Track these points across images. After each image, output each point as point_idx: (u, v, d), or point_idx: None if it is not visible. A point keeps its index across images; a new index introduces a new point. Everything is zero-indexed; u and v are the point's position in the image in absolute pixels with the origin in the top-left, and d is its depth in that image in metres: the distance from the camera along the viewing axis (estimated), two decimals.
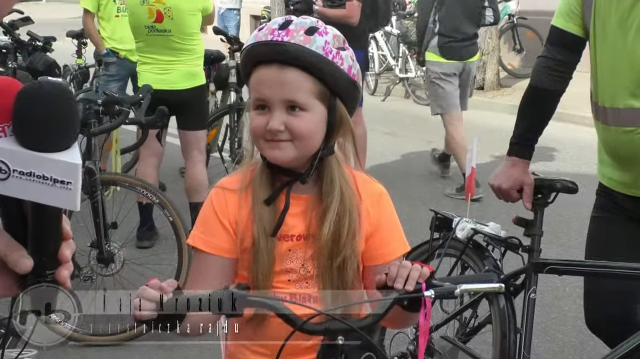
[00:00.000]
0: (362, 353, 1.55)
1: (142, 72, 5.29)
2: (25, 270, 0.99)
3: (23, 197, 0.96)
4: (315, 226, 1.72)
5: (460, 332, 3.10)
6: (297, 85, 1.65)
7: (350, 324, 1.48)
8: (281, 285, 1.73)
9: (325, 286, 1.71)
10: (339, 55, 1.67)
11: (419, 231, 4.85)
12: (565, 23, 2.70)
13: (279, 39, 1.64)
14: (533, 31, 11.73)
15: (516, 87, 11.04)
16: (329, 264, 1.70)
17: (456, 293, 1.53)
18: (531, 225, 2.75)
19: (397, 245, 1.80)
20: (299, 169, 1.73)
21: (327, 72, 1.66)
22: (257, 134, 1.69)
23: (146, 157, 5.34)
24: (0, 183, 0.93)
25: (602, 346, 2.99)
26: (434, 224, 3.10)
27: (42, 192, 0.94)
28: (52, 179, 0.94)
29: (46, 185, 0.94)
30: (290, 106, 1.66)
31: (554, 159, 7.60)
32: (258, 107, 1.69)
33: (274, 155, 1.69)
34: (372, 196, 1.79)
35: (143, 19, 5.15)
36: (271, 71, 1.66)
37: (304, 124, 1.67)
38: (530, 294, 2.64)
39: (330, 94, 1.69)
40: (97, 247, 4.12)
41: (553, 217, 5.53)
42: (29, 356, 2.10)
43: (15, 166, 0.93)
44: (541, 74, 2.79)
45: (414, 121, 9.81)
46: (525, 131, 2.83)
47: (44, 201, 0.95)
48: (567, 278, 4.34)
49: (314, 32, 1.66)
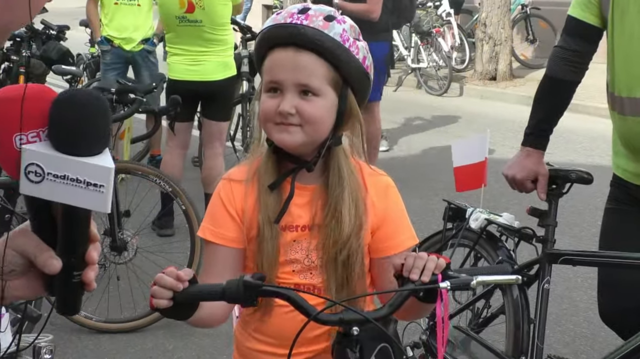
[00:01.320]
0: (377, 344, 1.55)
1: (173, 63, 5.27)
2: (54, 271, 1.01)
3: (56, 200, 0.98)
4: (321, 217, 1.72)
5: (473, 322, 3.10)
6: (311, 69, 1.65)
7: (365, 315, 1.48)
8: (285, 276, 1.73)
9: (330, 277, 1.71)
10: (355, 45, 1.68)
11: (431, 222, 4.86)
12: (582, 13, 2.68)
13: (298, 22, 1.65)
14: (546, 21, 11.67)
15: (529, 78, 10.99)
16: (334, 255, 1.70)
17: (472, 285, 1.53)
18: (545, 216, 2.74)
19: (405, 238, 1.79)
20: (305, 157, 1.72)
21: (342, 59, 1.66)
22: (267, 117, 1.69)
23: (173, 147, 5.37)
24: (34, 186, 0.96)
25: (613, 337, 2.98)
26: (447, 214, 3.10)
27: (75, 195, 0.97)
28: (85, 182, 0.97)
29: (79, 188, 0.97)
30: (302, 91, 1.66)
31: (567, 151, 7.57)
32: (270, 90, 1.69)
33: (282, 138, 1.69)
34: (378, 188, 1.79)
35: (174, 9, 5.14)
36: (287, 54, 1.66)
37: (315, 109, 1.67)
38: (544, 284, 2.64)
39: (342, 82, 1.69)
40: (110, 236, 4.15)
41: (566, 208, 5.51)
42: (45, 341, 2.12)
43: (49, 169, 0.96)
44: (557, 64, 2.78)
45: (426, 111, 9.79)
46: (540, 121, 2.82)
47: (77, 204, 0.98)
48: (578, 269, 4.33)
49: (332, 19, 1.67)
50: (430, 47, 10.98)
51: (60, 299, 1.06)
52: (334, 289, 1.70)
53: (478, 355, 2.90)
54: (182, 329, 4.09)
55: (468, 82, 11.28)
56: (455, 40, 11.64)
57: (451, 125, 9.02)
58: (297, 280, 1.73)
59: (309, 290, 1.71)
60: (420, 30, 10.90)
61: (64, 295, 1.05)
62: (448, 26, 11.58)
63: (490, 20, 10.94)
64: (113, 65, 6.45)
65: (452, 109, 10.02)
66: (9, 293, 1.03)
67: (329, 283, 1.71)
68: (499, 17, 10.91)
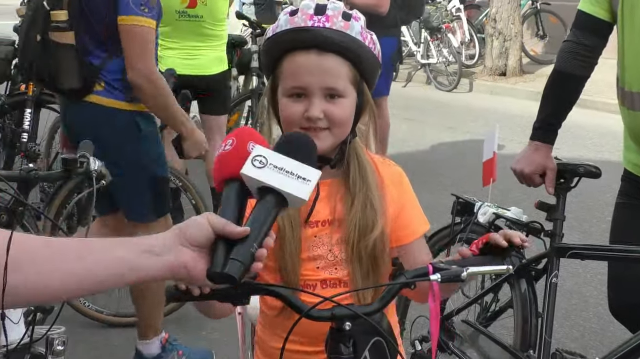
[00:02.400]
0: (370, 338, 1.55)
1: (167, 57, 5.29)
2: (243, 233, 1.26)
3: (271, 184, 1.28)
4: (341, 211, 1.72)
5: (482, 316, 3.11)
6: (337, 72, 1.64)
7: (355, 311, 1.49)
8: (310, 273, 1.72)
9: (356, 270, 1.70)
10: (372, 40, 1.68)
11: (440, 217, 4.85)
12: (592, 7, 2.68)
13: (320, 25, 1.62)
14: (557, 17, 11.64)
15: (539, 74, 10.97)
16: (359, 247, 1.69)
17: (463, 276, 1.52)
18: (554, 210, 2.75)
19: (419, 224, 1.81)
20: (328, 155, 1.71)
21: (363, 57, 1.66)
22: (293, 123, 1.67)
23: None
24: (257, 170, 1.28)
25: (622, 333, 2.99)
26: (456, 208, 3.10)
27: (286, 183, 1.28)
28: (296, 176, 1.29)
29: (291, 178, 1.29)
30: (329, 94, 1.65)
31: (577, 146, 7.56)
32: (293, 95, 1.67)
33: None
34: (393, 178, 1.79)
35: (175, 4, 5.14)
36: (310, 58, 1.64)
37: (343, 111, 1.66)
38: (552, 278, 2.64)
39: (360, 78, 1.69)
40: None
41: (576, 204, 5.51)
42: (57, 333, 2.14)
43: (272, 162, 1.29)
44: (566, 59, 2.78)
45: (436, 107, 9.78)
46: (549, 115, 2.83)
47: (286, 189, 1.28)
48: (588, 264, 4.33)
49: (350, 17, 1.66)
50: (440, 43, 10.97)
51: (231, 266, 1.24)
52: (361, 281, 1.70)
53: (486, 349, 2.91)
54: (192, 323, 4.12)
55: (478, 78, 11.26)
56: (465, 36, 11.63)
57: (461, 121, 9.01)
58: (324, 276, 1.72)
59: (335, 285, 1.71)
60: (430, 26, 10.89)
61: (239, 259, 1.24)
62: (458, 22, 11.57)
63: (500, 16, 10.92)
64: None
65: (461, 105, 10.01)
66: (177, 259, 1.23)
67: (354, 275, 1.70)
68: (509, 13, 10.89)
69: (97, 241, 1.26)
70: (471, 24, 11.94)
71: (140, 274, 1.23)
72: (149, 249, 1.23)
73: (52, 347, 2.15)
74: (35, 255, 1.18)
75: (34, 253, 1.18)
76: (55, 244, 1.21)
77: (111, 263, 1.21)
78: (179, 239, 1.25)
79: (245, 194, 1.33)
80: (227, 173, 1.34)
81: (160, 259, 1.23)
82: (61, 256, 1.19)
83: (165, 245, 1.24)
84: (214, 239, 1.26)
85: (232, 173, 1.33)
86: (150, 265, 1.22)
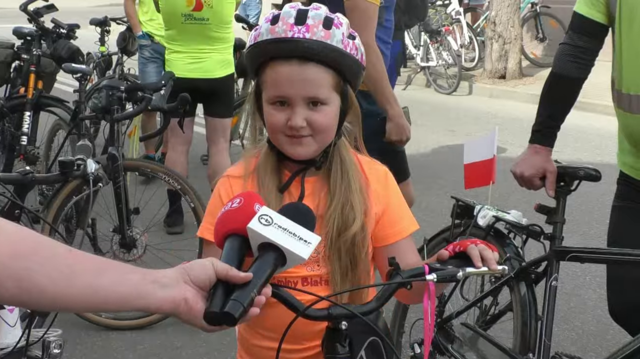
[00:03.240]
0: (366, 337, 1.56)
1: (173, 60, 5.29)
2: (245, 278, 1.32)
3: (275, 241, 1.37)
4: (324, 208, 1.73)
5: (481, 319, 3.10)
6: (319, 81, 1.66)
7: (351, 310, 1.49)
8: (292, 269, 1.73)
9: (334, 266, 1.71)
10: (353, 46, 1.69)
11: (439, 219, 4.86)
12: (587, 10, 2.68)
13: (300, 36, 1.63)
14: (556, 20, 11.64)
15: (538, 76, 10.96)
16: (337, 243, 1.70)
17: (459, 276, 1.53)
18: (553, 213, 2.74)
19: (407, 224, 1.81)
20: (312, 159, 1.74)
21: (345, 64, 1.67)
22: (277, 129, 1.69)
23: (176, 145, 5.39)
24: (263, 227, 1.38)
25: (622, 335, 2.98)
26: (455, 211, 3.10)
27: (288, 241, 1.38)
28: (298, 237, 1.39)
29: (292, 238, 1.38)
30: (311, 102, 1.67)
31: (577, 149, 7.55)
32: (276, 103, 1.69)
33: (296, 152, 1.70)
34: (378, 176, 1.81)
35: (180, 6, 5.15)
36: (292, 68, 1.65)
37: (325, 118, 1.68)
38: (551, 281, 2.63)
39: (343, 82, 1.70)
40: (119, 233, 4.16)
41: (574, 206, 5.50)
42: (54, 336, 2.13)
43: (276, 222, 1.39)
44: (563, 61, 2.78)
45: (435, 110, 9.78)
46: (547, 118, 2.82)
47: (288, 247, 1.37)
48: (587, 267, 4.33)
49: (330, 24, 1.66)
50: (440, 45, 10.97)
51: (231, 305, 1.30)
52: (339, 279, 1.71)
53: (486, 352, 2.90)
54: (190, 326, 4.10)
55: (477, 80, 11.26)
56: (464, 38, 11.63)
57: (460, 123, 9.01)
58: (304, 273, 1.73)
59: (316, 282, 1.72)
60: (430, 29, 10.89)
61: (239, 301, 1.30)
62: (457, 25, 11.57)
63: (499, 19, 10.92)
64: (152, 59, 6.49)
65: (461, 107, 10.01)
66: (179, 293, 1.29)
67: (333, 273, 1.71)
68: (509, 16, 10.90)
69: (112, 262, 1.31)
70: (470, 27, 11.94)
71: (144, 302, 1.28)
72: (156, 279, 1.28)
73: (48, 350, 2.14)
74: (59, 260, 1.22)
75: (58, 257, 1.22)
76: (77, 254, 1.26)
77: (123, 285, 1.26)
78: (182, 276, 1.31)
79: (245, 249, 1.40)
80: (231, 227, 1.41)
81: (165, 291, 1.28)
82: (82, 266, 1.24)
83: (171, 279, 1.30)
84: (214, 282, 1.32)
85: (237, 228, 1.40)
86: (155, 295, 1.27)
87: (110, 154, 4.04)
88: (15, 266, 1.16)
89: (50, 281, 1.19)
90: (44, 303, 1.22)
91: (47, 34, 6.20)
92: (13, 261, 1.16)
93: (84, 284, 1.22)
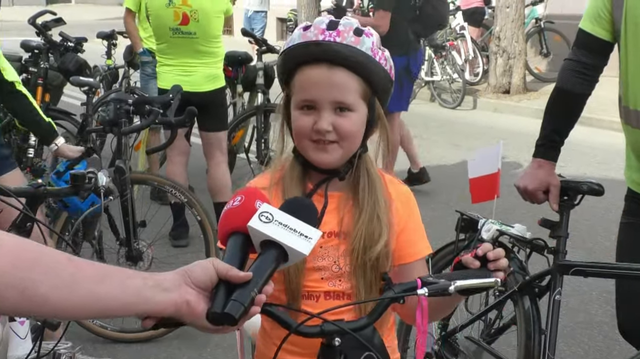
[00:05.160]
0: (361, 353, 1.56)
1: (163, 73, 5.34)
2: (245, 278, 1.32)
3: (275, 238, 1.37)
4: (348, 223, 1.74)
5: (485, 333, 3.11)
6: (346, 86, 1.68)
7: (342, 326, 1.50)
8: (313, 283, 1.74)
9: (359, 282, 1.72)
10: (383, 56, 1.71)
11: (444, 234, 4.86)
12: (592, 27, 2.70)
13: (331, 39, 1.66)
14: (560, 35, 11.68)
15: (542, 91, 10.99)
16: (363, 259, 1.71)
17: (450, 290, 1.53)
18: (557, 227, 2.76)
19: (423, 246, 1.82)
20: (337, 168, 1.75)
21: (373, 72, 1.69)
22: (303, 134, 1.71)
23: (174, 156, 5.41)
24: (263, 224, 1.37)
25: (628, 351, 2.98)
26: (460, 225, 3.12)
27: (289, 238, 1.38)
28: (299, 233, 1.39)
29: (293, 234, 1.38)
30: (338, 107, 1.68)
31: (582, 164, 7.57)
32: (303, 107, 1.71)
33: (320, 158, 1.71)
34: (401, 196, 1.82)
35: (168, 21, 5.21)
36: (321, 71, 1.67)
37: (351, 125, 1.69)
38: (555, 295, 2.64)
39: (371, 93, 1.72)
40: (125, 246, 4.18)
41: (579, 222, 5.51)
42: (64, 348, 2.16)
43: (277, 218, 1.39)
44: (567, 77, 2.80)
45: (440, 124, 9.80)
46: (551, 132, 2.84)
47: (288, 243, 1.37)
48: (594, 282, 4.33)
49: (361, 33, 1.69)
50: (444, 60, 11.01)
51: (231, 306, 1.29)
52: (363, 293, 1.71)
53: None
54: (196, 339, 4.12)
55: (482, 95, 11.29)
56: (469, 53, 11.68)
57: (464, 138, 9.03)
58: (326, 288, 1.73)
59: (338, 297, 1.73)
60: (434, 43, 10.93)
61: (239, 301, 1.30)
62: (462, 39, 11.62)
63: (504, 34, 10.96)
64: (154, 74, 6.51)
65: (465, 122, 10.04)
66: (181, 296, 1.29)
67: (358, 288, 1.72)
68: (513, 31, 10.94)
69: (113, 268, 1.31)
70: (475, 42, 11.99)
71: (147, 307, 1.28)
72: (157, 283, 1.29)
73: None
74: (60, 268, 1.23)
75: (60, 266, 1.23)
76: (78, 261, 1.26)
77: (126, 290, 1.26)
78: (183, 278, 1.31)
79: (248, 247, 1.41)
80: (233, 226, 1.41)
81: (167, 295, 1.28)
82: (83, 274, 1.24)
83: (172, 282, 1.30)
84: (216, 283, 1.33)
85: (238, 226, 1.40)
86: (157, 299, 1.27)
87: (117, 166, 4.07)
88: (18, 275, 1.17)
89: (53, 289, 1.20)
90: (46, 311, 1.23)
91: (54, 47, 6.26)
92: (15, 271, 1.17)
93: (86, 292, 1.22)
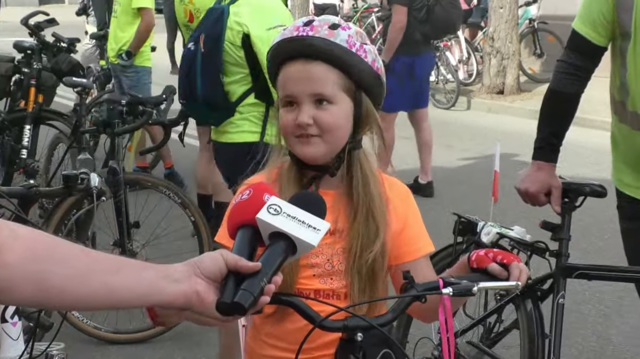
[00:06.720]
0: (379, 349, 1.57)
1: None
2: (255, 268, 1.33)
3: (284, 229, 1.38)
4: (343, 222, 1.74)
5: (485, 337, 3.08)
6: (323, 78, 1.69)
7: (369, 321, 1.50)
8: (305, 280, 1.73)
9: (354, 282, 1.71)
10: (362, 49, 1.71)
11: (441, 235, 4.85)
12: (586, 30, 2.66)
13: (304, 34, 1.69)
14: (554, 35, 11.68)
15: (536, 92, 10.99)
16: (359, 260, 1.71)
17: (474, 291, 1.54)
18: (559, 229, 2.74)
19: (423, 244, 1.81)
20: (325, 163, 1.75)
21: (351, 64, 1.69)
22: (287, 131, 1.72)
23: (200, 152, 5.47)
24: (271, 216, 1.39)
25: (621, 351, 2.98)
26: (458, 227, 3.09)
27: (297, 229, 1.39)
28: (307, 224, 1.40)
29: (302, 226, 1.39)
30: (317, 100, 1.69)
31: (576, 164, 7.56)
32: (286, 104, 1.72)
33: (304, 151, 1.72)
34: (399, 194, 1.81)
35: (181, 17, 5.39)
36: (297, 66, 1.70)
37: (332, 117, 1.70)
38: (559, 299, 2.62)
39: (355, 87, 1.72)
40: (119, 246, 4.15)
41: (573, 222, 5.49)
42: (56, 349, 2.13)
43: (285, 210, 1.40)
44: (560, 78, 2.78)
45: (434, 125, 9.71)
46: (549, 134, 2.82)
47: (296, 234, 1.38)
48: (586, 283, 4.32)
49: (337, 27, 1.70)
50: (438, 61, 11.01)
51: (240, 295, 1.30)
52: (357, 293, 1.71)
53: None
54: (190, 340, 4.10)
55: (475, 95, 11.29)
56: (462, 54, 11.68)
57: (458, 138, 9.03)
58: (317, 285, 1.73)
59: (328, 296, 1.72)
60: None
61: (249, 290, 1.31)
62: (456, 40, 11.62)
63: (498, 35, 10.96)
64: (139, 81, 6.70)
65: (459, 122, 10.03)
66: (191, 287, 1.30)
67: (352, 287, 1.71)
68: (507, 32, 10.94)
69: (126, 260, 1.34)
70: (469, 42, 11.99)
71: (158, 298, 1.29)
72: (168, 275, 1.30)
73: None
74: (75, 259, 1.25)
75: (75, 257, 1.25)
76: (92, 253, 1.28)
77: (139, 283, 1.28)
78: (193, 269, 1.32)
79: (257, 239, 1.41)
80: (242, 219, 1.43)
81: (177, 286, 1.30)
82: (98, 265, 1.26)
83: (182, 273, 1.31)
84: (226, 273, 1.33)
85: (247, 219, 1.41)
86: (168, 290, 1.29)
87: (110, 167, 4.05)
88: (33, 268, 1.18)
89: (68, 280, 1.21)
90: (62, 303, 1.25)
91: (47, 48, 6.22)
92: (31, 264, 1.18)
93: (100, 283, 1.24)
